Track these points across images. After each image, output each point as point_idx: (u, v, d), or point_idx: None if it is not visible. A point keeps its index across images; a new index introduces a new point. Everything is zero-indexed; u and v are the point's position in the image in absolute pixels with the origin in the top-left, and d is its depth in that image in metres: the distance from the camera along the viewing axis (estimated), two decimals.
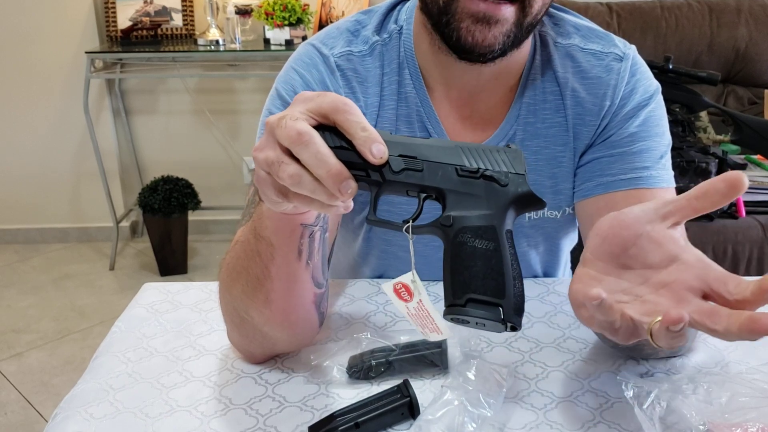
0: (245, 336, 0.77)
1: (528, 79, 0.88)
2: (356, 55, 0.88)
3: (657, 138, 0.87)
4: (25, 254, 3.01)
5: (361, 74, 0.88)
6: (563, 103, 0.88)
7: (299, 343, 0.80)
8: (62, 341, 2.37)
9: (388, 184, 0.58)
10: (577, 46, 0.88)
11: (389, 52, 0.89)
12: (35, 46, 2.84)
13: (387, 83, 0.89)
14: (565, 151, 0.89)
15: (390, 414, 0.69)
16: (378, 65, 0.88)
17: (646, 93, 0.87)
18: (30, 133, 2.96)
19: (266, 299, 0.72)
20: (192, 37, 2.83)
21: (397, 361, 0.77)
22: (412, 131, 0.89)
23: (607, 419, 0.71)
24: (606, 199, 0.86)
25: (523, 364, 0.79)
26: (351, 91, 0.88)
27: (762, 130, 2.12)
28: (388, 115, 0.89)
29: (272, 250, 0.69)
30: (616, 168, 0.86)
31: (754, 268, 1.96)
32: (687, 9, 2.55)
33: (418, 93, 0.88)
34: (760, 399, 0.69)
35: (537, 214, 0.92)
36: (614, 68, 0.87)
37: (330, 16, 2.74)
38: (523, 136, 0.89)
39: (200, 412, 0.73)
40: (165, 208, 2.68)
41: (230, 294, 0.75)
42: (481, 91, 0.88)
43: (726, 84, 2.61)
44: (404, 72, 0.88)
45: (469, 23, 0.76)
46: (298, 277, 0.72)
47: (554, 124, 0.89)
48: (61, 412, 0.74)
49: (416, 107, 0.89)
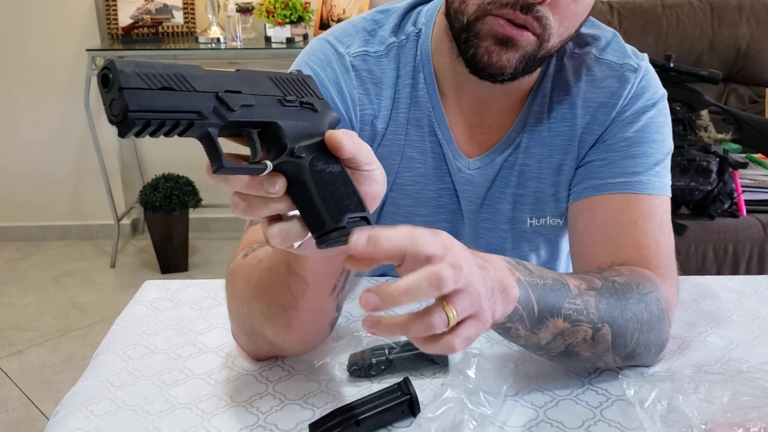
0: (253, 343, 0.78)
1: (539, 88, 0.88)
2: (372, 55, 0.87)
3: (654, 144, 0.86)
4: (26, 251, 3.01)
5: (375, 75, 0.87)
6: (572, 113, 0.87)
7: (307, 351, 0.80)
8: (63, 338, 2.37)
9: (228, 126, 0.50)
10: (593, 55, 0.88)
11: (405, 55, 0.88)
12: (36, 43, 2.84)
13: (401, 86, 0.88)
14: (568, 160, 0.89)
15: (390, 412, 0.69)
16: (393, 67, 0.88)
17: (650, 100, 0.87)
18: (31, 130, 2.96)
19: (287, 325, 0.71)
20: (193, 35, 2.83)
21: (398, 359, 0.77)
22: (422, 135, 0.89)
23: (607, 417, 0.71)
24: (590, 201, 0.85)
25: (523, 361, 0.79)
26: (365, 92, 0.87)
27: (763, 128, 2.12)
28: (400, 118, 0.88)
29: (305, 287, 0.67)
30: (606, 171, 0.85)
31: (755, 266, 1.96)
32: (688, 7, 2.55)
33: (431, 98, 0.88)
34: (762, 398, 0.69)
35: (539, 221, 0.92)
36: (629, 79, 0.86)
37: (331, 14, 2.74)
38: (529, 143, 0.89)
39: (201, 409, 0.73)
40: (166, 205, 2.67)
41: (247, 308, 0.73)
42: (492, 103, 0.87)
43: (727, 83, 2.60)
44: (419, 76, 0.88)
45: (490, 43, 0.75)
46: (325, 307, 0.72)
47: (560, 133, 0.88)
48: (62, 410, 0.74)
49: (428, 112, 0.88)
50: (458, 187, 0.91)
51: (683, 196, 1.92)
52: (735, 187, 1.98)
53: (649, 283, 0.76)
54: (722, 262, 1.95)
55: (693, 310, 0.91)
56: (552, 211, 0.92)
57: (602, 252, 0.83)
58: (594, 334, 0.70)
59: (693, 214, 1.98)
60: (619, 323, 0.71)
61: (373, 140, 0.88)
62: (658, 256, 0.81)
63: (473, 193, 0.91)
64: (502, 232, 0.93)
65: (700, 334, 0.86)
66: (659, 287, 0.77)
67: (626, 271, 0.77)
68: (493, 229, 0.93)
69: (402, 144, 0.89)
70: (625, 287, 0.73)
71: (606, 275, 0.74)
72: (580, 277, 0.72)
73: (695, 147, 1.98)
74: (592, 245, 0.84)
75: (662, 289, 0.78)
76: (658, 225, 0.83)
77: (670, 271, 0.82)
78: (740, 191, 1.99)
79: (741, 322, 0.88)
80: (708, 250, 1.95)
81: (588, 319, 0.69)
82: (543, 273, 0.68)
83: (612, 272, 0.76)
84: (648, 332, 0.74)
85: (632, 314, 0.72)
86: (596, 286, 0.72)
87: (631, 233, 0.82)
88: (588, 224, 0.85)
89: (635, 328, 0.73)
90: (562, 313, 0.67)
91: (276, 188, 0.52)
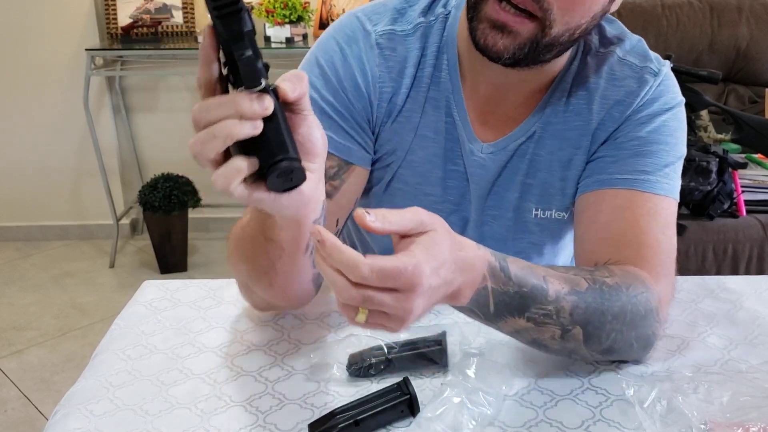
0: (250, 297, 0.86)
1: (560, 82, 0.89)
2: (399, 33, 0.89)
3: (666, 147, 0.87)
4: (26, 251, 3.01)
5: (399, 54, 0.89)
6: (589, 108, 0.88)
7: (297, 307, 0.89)
8: (63, 338, 2.37)
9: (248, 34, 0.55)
10: (616, 56, 0.89)
11: (432, 36, 0.90)
12: (36, 43, 2.84)
13: (424, 66, 0.89)
14: (578, 154, 0.90)
15: (390, 411, 0.69)
16: (418, 47, 0.89)
17: (666, 104, 0.88)
18: (30, 130, 2.96)
19: (269, 284, 0.77)
20: (192, 35, 2.83)
21: (397, 359, 0.77)
22: (439, 115, 0.90)
23: (607, 417, 0.71)
24: (597, 195, 0.87)
25: (523, 362, 0.79)
26: (387, 70, 0.88)
27: (763, 129, 2.12)
28: (419, 97, 0.90)
29: (281, 252, 0.71)
30: (615, 167, 0.87)
31: (754, 266, 1.96)
32: (688, 7, 2.55)
33: (452, 80, 0.89)
34: (761, 398, 0.69)
35: (545, 213, 0.93)
36: (648, 81, 0.88)
37: (331, 13, 2.74)
38: (543, 134, 0.90)
39: (200, 409, 0.73)
40: (165, 205, 2.67)
41: (236, 268, 0.81)
42: (507, 91, 0.88)
43: (727, 83, 2.60)
44: (442, 57, 0.89)
45: (485, 26, 0.77)
46: (302, 267, 0.74)
47: (574, 127, 0.89)
48: (62, 409, 0.74)
49: (447, 93, 0.89)
50: (469, 170, 0.92)
51: (683, 197, 1.91)
52: (735, 188, 1.98)
53: (641, 284, 0.77)
54: (722, 262, 1.95)
55: (692, 310, 0.91)
56: (558, 204, 0.92)
57: (603, 249, 0.83)
58: (563, 334, 0.73)
59: (692, 214, 1.98)
60: (595, 325, 0.73)
61: (389, 116, 0.90)
62: (657, 256, 0.82)
63: (483, 178, 0.92)
64: (507, 221, 0.94)
65: (700, 334, 0.86)
66: (651, 288, 0.78)
67: (620, 271, 0.78)
68: (500, 217, 0.94)
69: (417, 122, 0.90)
70: (613, 289, 0.74)
71: (597, 275, 0.75)
72: (568, 279, 0.73)
73: (695, 147, 1.98)
74: (594, 241, 0.85)
75: (654, 290, 0.78)
76: (661, 226, 0.84)
77: (665, 270, 0.82)
78: (740, 191, 1.99)
79: (741, 322, 0.88)
80: (708, 250, 1.95)
81: (557, 322, 0.71)
82: (525, 279, 0.69)
83: (605, 271, 0.77)
84: (629, 331, 0.75)
85: (612, 316, 0.73)
86: (581, 288, 0.73)
87: (632, 231, 0.83)
88: (592, 220, 0.86)
89: (613, 328, 0.74)
90: (525, 316, 0.70)
91: (265, 104, 0.55)
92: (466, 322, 0.85)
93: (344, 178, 0.87)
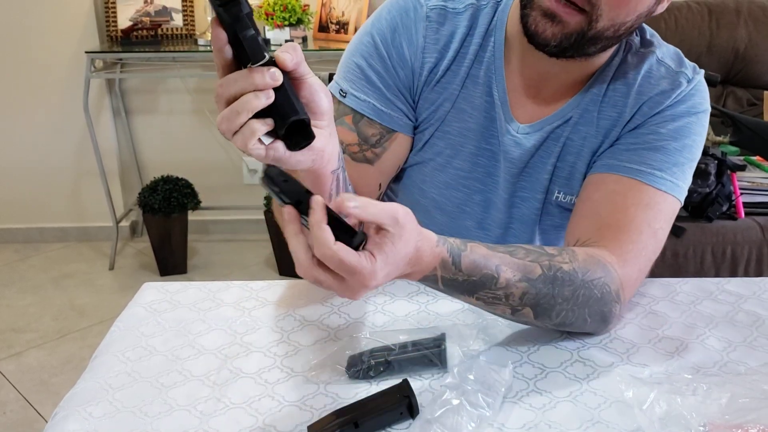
0: None
1: (601, 74, 0.92)
2: (450, 10, 0.93)
3: (681, 147, 0.89)
4: (25, 253, 3.01)
5: (447, 29, 0.93)
6: (624, 101, 0.92)
7: None
8: (62, 340, 2.36)
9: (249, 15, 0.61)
10: (655, 56, 0.93)
11: (482, 18, 0.93)
12: (35, 45, 2.84)
13: (469, 44, 0.93)
14: (605, 143, 0.93)
15: (389, 413, 0.69)
16: (466, 25, 0.93)
17: (693, 108, 0.91)
18: (30, 132, 2.96)
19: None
20: (192, 37, 2.83)
21: (397, 361, 0.77)
22: (478, 92, 0.94)
23: (605, 419, 0.71)
24: (601, 177, 0.90)
25: (522, 364, 0.79)
26: (433, 42, 0.93)
27: (761, 131, 2.12)
28: (460, 71, 0.93)
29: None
30: (627, 156, 0.90)
31: (753, 269, 1.97)
32: (686, 10, 2.55)
33: (496, 62, 0.93)
34: (760, 400, 0.69)
35: (566, 197, 0.97)
36: (680, 84, 0.91)
37: (330, 16, 2.74)
38: (579, 120, 0.93)
39: (199, 411, 0.73)
40: (165, 207, 2.67)
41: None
42: (549, 78, 0.92)
43: (725, 85, 2.61)
44: (489, 39, 0.93)
45: (537, 14, 0.82)
46: None
47: (608, 117, 0.93)
48: (61, 411, 0.74)
49: (490, 73, 0.93)
50: (503, 149, 0.95)
51: None
52: (733, 190, 1.98)
53: (601, 268, 0.80)
54: (720, 264, 1.95)
55: (691, 312, 0.91)
56: (579, 189, 0.95)
57: (586, 227, 0.87)
58: (513, 312, 0.78)
59: (691, 216, 1.98)
60: (544, 306, 0.78)
61: (427, 84, 0.94)
62: (632, 243, 0.84)
63: (517, 157, 0.95)
64: (536, 203, 0.97)
65: (699, 336, 0.86)
66: (611, 272, 0.81)
67: (583, 256, 0.81)
68: (529, 199, 0.98)
69: (456, 94, 0.94)
70: (567, 274, 0.78)
71: (555, 261, 0.78)
72: (521, 266, 0.76)
73: None
74: (581, 218, 0.89)
75: (616, 273, 0.81)
76: (650, 218, 0.86)
77: (635, 257, 0.84)
78: (738, 194, 1.99)
79: (739, 324, 0.88)
80: (706, 252, 1.95)
81: (507, 303, 0.77)
82: (475, 270, 0.73)
83: (566, 256, 0.80)
84: (580, 309, 0.79)
85: (563, 299, 0.78)
86: (533, 275, 0.76)
87: (617, 216, 0.86)
88: (587, 197, 0.91)
89: (563, 308, 0.78)
90: (474, 296, 0.76)
91: (276, 76, 0.61)
92: (466, 324, 0.86)
93: (386, 146, 0.94)
